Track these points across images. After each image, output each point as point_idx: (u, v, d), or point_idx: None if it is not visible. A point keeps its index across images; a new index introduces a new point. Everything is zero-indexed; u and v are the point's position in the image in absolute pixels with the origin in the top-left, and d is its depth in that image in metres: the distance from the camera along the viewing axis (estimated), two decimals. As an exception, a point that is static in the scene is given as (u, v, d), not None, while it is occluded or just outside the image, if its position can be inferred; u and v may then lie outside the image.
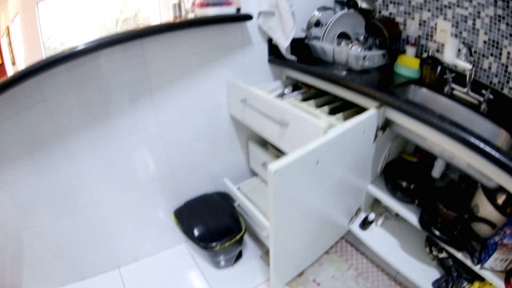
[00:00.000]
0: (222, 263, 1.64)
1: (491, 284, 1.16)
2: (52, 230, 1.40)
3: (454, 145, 1.11)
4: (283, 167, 1.01)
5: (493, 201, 1.17)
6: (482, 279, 1.21)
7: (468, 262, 1.20)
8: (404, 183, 1.40)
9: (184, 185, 1.72)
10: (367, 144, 1.36)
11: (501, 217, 1.15)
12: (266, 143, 1.86)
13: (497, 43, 1.60)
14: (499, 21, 1.58)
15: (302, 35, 1.74)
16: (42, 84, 1.15)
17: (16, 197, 1.27)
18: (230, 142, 1.79)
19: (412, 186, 1.39)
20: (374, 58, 1.68)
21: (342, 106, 1.56)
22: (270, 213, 1.11)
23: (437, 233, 1.25)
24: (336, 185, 1.34)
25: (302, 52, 1.74)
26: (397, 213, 1.45)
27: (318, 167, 1.14)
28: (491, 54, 1.63)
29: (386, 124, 1.39)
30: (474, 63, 1.50)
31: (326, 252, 1.67)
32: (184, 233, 1.61)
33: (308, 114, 1.26)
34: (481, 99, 1.44)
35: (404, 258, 1.45)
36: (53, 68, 1.11)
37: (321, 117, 1.40)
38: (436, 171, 1.39)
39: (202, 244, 1.52)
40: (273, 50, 1.69)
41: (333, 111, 1.54)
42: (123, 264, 1.66)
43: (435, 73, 1.64)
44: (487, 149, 0.98)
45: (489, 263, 1.13)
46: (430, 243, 1.43)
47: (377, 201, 1.65)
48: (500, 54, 1.60)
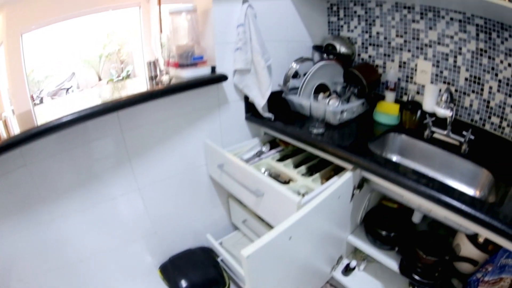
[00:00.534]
0: (207, 317, 1.70)
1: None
2: (40, 284, 1.44)
3: (430, 203, 1.16)
4: (255, 251, 1.05)
5: (474, 240, 1.23)
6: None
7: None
8: (384, 232, 1.45)
9: (168, 241, 1.77)
10: (343, 205, 1.41)
11: (483, 255, 1.21)
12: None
13: (479, 78, 1.65)
14: (481, 55, 1.62)
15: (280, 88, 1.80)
16: (23, 150, 1.20)
17: (4, 253, 1.31)
18: (211, 200, 1.84)
19: (392, 234, 1.44)
20: (353, 109, 1.72)
21: (320, 162, 1.61)
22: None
23: (418, 278, 1.30)
24: (315, 241, 1.37)
25: (280, 106, 1.78)
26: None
27: (292, 241, 1.18)
28: (473, 91, 1.68)
29: (363, 182, 1.43)
30: (454, 107, 1.53)
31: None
32: (170, 288, 1.67)
33: (282, 187, 1.31)
34: (462, 139, 1.49)
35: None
36: (32, 142, 1.15)
37: (297, 180, 1.46)
38: (416, 218, 1.43)
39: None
40: (250, 107, 1.73)
41: (311, 169, 1.59)
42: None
43: (415, 118, 1.69)
44: (462, 207, 1.03)
45: (472, 300, 1.18)
46: (414, 284, 1.46)
47: (359, 247, 1.71)
48: (482, 90, 1.66)
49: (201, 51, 1.58)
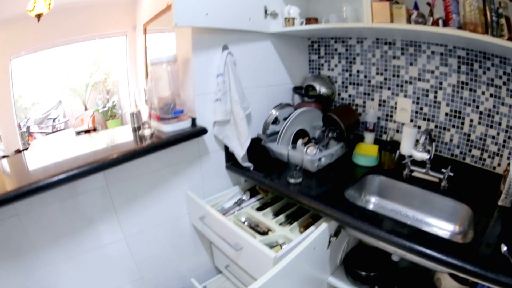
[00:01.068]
0: None
1: None
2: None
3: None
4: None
5: (454, 274, 1.30)
6: None
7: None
8: (363, 273, 1.53)
9: (154, 286, 1.84)
10: (320, 253, 1.48)
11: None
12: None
13: (459, 112, 1.74)
14: (462, 88, 1.72)
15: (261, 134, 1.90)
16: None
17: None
18: (195, 246, 1.92)
19: (371, 274, 1.52)
20: (332, 154, 1.82)
21: (299, 209, 1.70)
22: None
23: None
24: (293, 285, 1.44)
25: (260, 153, 1.88)
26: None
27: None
28: (453, 126, 1.78)
29: (340, 228, 1.51)
30: (433, 147, 1.62)
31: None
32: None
33: (259, 242, 1.40)
34: (441, 176, 1.57)
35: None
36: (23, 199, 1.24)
37: (276, 230, 1.55)
38: (395, 257, 1.49)
39: None
40: (231, 157, 1.82)
41: (290, 216, 1.68)
42: None
43: (393, 158, 1.77)
44: (433, 254, 1.12)
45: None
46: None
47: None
48: (462, 123, 1.75)
49: (182, 102, 1.67)
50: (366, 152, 1.86)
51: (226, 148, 1.82)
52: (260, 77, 1.97)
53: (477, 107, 1.68)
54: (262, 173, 1.75)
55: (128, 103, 5.84)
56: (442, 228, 1.54)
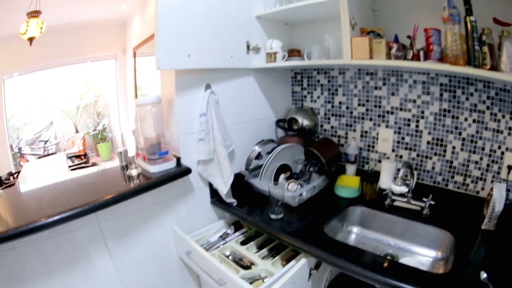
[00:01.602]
0: None
1: None
2: None
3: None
4: None
5: None
6: None
7: None
8: None
9: (144, 316, 1.95)
10: (301, 286, 1.56)
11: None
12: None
13: (441, 140, 1.83)
14: (444, 116, 1.80)
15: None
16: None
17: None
18: (183, 277, 2.02)
19: None
20: (314, 187, 1.92)
21: (281, 243, 1.77)
22: None
23: None
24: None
25: (244, 187, 1.98)
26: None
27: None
28: (435, 154, 1.87)
29: (320, 261, 1.59)
30: (414, 179, 1.69)
31: None
32: None
33: (240, 279, 1.50)
34: (423, 205, 1.64)
35: None
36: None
37: (258, 264, 1.65)
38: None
39: None
40: (215, 193, 1.92)
41: (273, 249, 1.79)
42: None
43: (375, 189, 1.84)
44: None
45: None
46: None
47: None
48: (445, 151, 1.81)
49: (167, 142, 1.80)
50: (348, 184, 1.94)
51: (211, 185, 1.92)
52: (243, 113, 2.09)
53: (460, 133, 1.75)
54: (246, 207, 1.87)
55: (118, 126, 6.00)
56: (425, 254, 1.62)
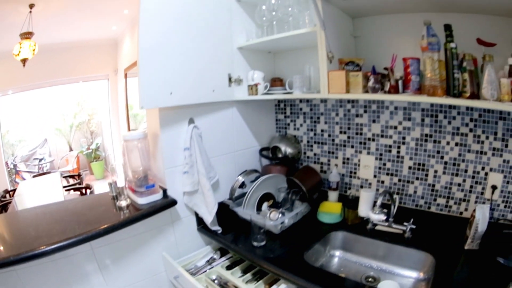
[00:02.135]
0: None
1: None
2: None
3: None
4: None
5: None
6: None
7: None
8: None
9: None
10: None
11: None
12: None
13: (423, 165, 1.91)
14: (425, 141, 1.88)
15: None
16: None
17: None
18: None
19: None
20: (296, 214, 2.03)
21: None
22: None
23: None
24: None
25: (228, 216, 2.10)
26: None
27: None
28: (417, 178, 1.94)
29: None
30: (394, 207, 1.77)
31: None
32: None
33: None
34: (404, 228, 1.73)
35: None
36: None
37: None
38: None
39: None
40: (201, 221, 2.04)
41: (257, 274, 1.88)
42: None
43: (357, 214, 1.95)
44: None
45: None
46: None
47: None
48: (426, 175, 1.91)
49: (154, 174, 1.95)
50: (330, 210, 2.06)
51: (197, 213, 2.06)
52: (227, 144, 2.22)
53: (442, 157, 1.83)
54: (230, 235, 2.00)
55: (111, 145, 6.16)
56: (407, 276, 1.70)
